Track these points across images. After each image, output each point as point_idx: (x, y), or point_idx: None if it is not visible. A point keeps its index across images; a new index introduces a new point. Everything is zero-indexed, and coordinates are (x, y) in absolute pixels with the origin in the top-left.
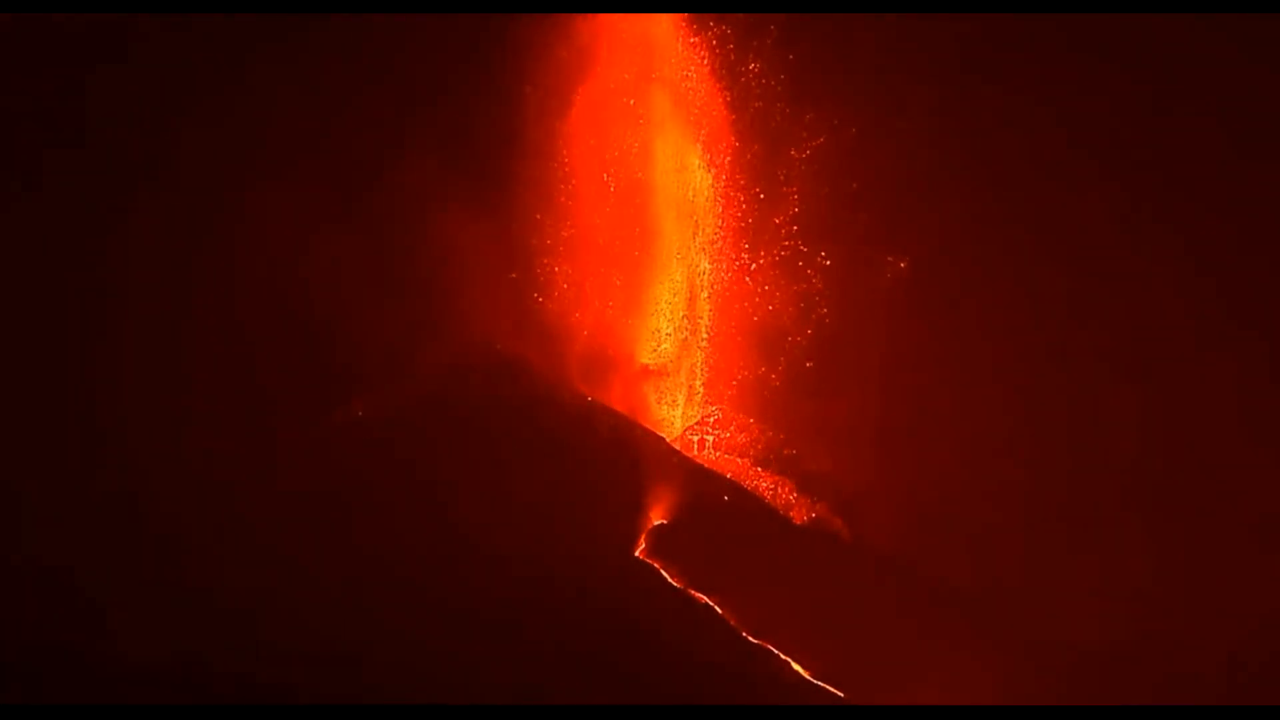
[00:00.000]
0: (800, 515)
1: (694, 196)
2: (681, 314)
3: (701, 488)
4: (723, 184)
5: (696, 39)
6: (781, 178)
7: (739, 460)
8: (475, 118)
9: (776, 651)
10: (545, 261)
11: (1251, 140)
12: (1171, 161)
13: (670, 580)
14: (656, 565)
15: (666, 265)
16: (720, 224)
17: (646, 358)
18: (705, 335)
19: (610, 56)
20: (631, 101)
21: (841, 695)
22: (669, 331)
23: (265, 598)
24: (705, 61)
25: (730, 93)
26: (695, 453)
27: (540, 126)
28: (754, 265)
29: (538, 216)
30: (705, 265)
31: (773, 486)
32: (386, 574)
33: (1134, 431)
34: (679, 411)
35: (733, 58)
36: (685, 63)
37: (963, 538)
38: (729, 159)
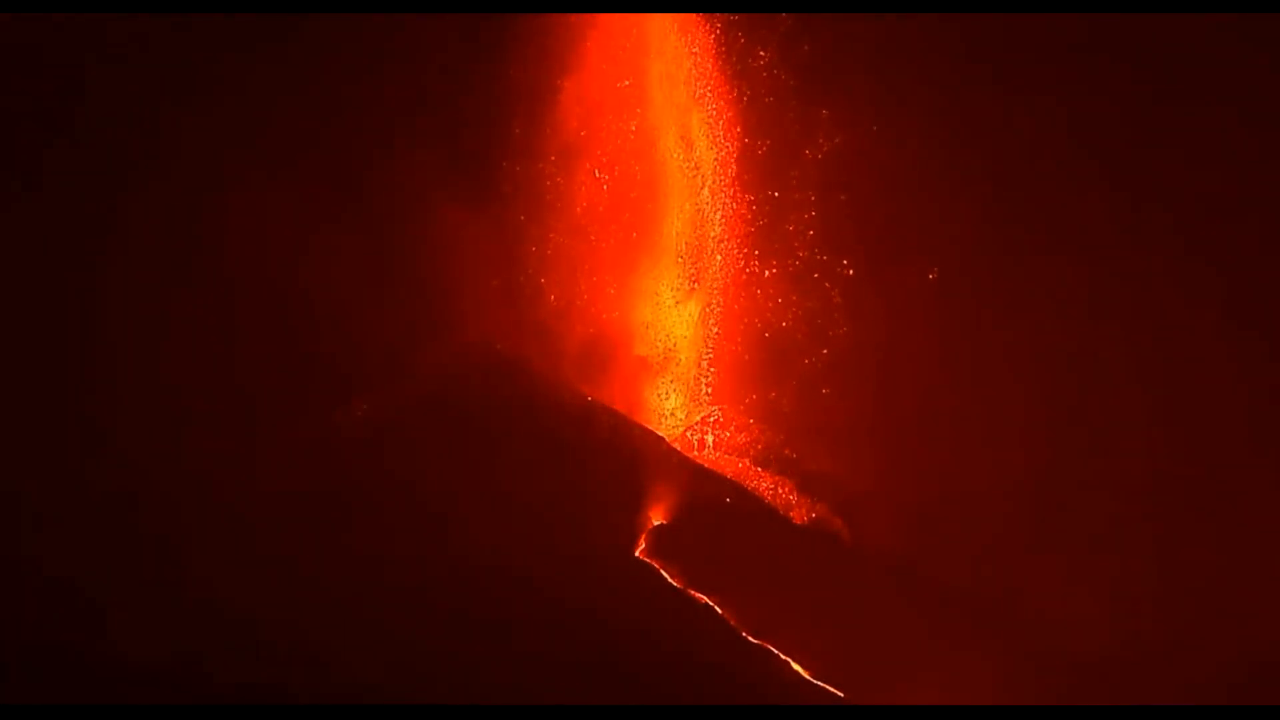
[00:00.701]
0: (800, 515)
1: (698, 199)
2: (683, 328)
3: (701, 488)
4: (730, 186)
5: (701, 27)
6: (794, 180)
7: (739, 460)
8: (472, 115)
9: (776, 651)
10: (544, 261)
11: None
12: (1180, 161)
13: (670, 580)
14: (656, 565)
15: (667, 272)
16: (726, 229)
17: (648, 358)
18: (709, 354)
19: (608, 47)
20: (626, 82)
21: (841, 695)
22: (669, 346)
23: (264, 598)
24: (710, 51)
25: (737, 86)
26: (695, 453)
27: (537, 124)
28: (767, 273)
29: (523, 219)
30: (710, 273)
31: (773, 486)
32: (386, 574)
33: (1139, 432)
34: (679, 415)
35: (741, 47)
36: (688, 52)
37: (964, 538)
38: (736, 158)
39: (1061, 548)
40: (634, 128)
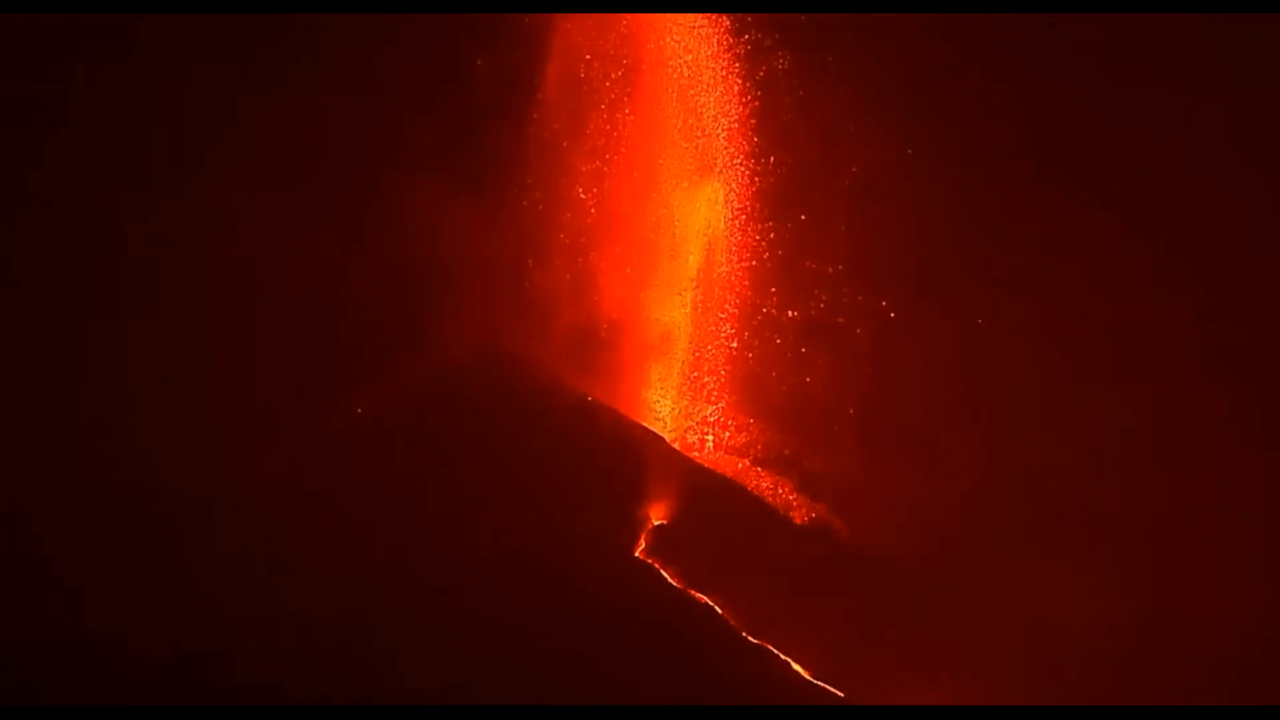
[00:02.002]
0: (800, 515)
1: (702, 228)
2: (686, 378)
3: (701, 488)
4: (742, 216)
5: (706, 27)
6: (818, 209)
7: (739, 460)
8: (473, 118)
9: (776, 651)
10: (543, 269)
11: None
12: (1173, 165)
13: (670, 580)
14: (656, 565)
15: (669, 314)
16: (737, 265)
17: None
18: (718, 411)
19: (600, 45)
20: (618, 74)
21: (841, 695)
22: (670, 393)
23: (261, 598)
24: (719, 58)
25: (750, 98)
26: (695, 453)
27: (533, 128)
28: (790, 313)
29: (498, 247)
30: (720, 320)
31: (773, 486)
32: (384, 574)
33: (1137, 433)
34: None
35: (752, 53)
36: (691, 55)
37: (965, 539)
38: (749, 184)
39: (1064, 549)
40: (624, 131)
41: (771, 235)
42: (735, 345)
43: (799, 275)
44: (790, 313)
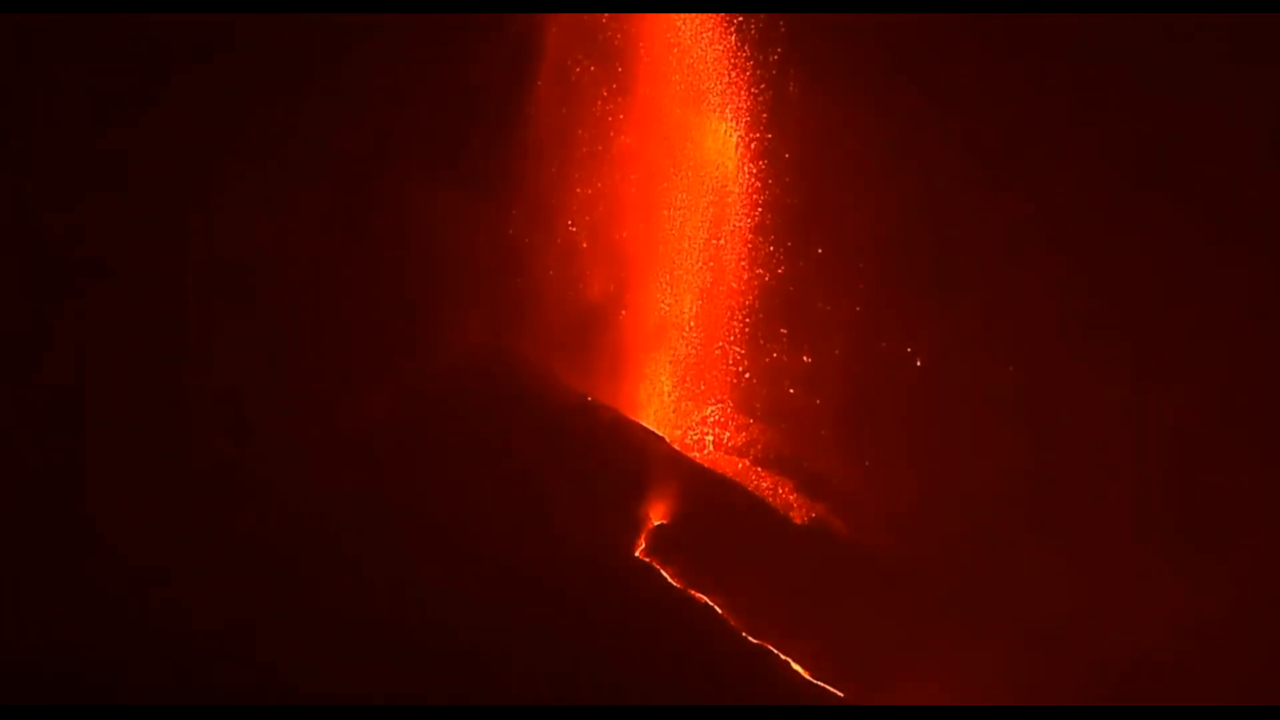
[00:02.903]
0: (800, 515)
1: (703, 262)
2: (686, 378)
3: (701, 488)
4: (745, 243)
5: (709, 32)
6: (831, 228)
7: (739, 460)
8: (472, 115)
9: (776, 651)
10: (544, 269)
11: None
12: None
13: (670, 580)
14: (656, 565)
15: (671, 314)
16: (739, 302)
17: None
18: (718, 411)
19: (598, 49)
20: (612, 85)
21: (841, 695)
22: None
23: (261, 599)
24: (723, 54)
25: (757, 100)
26: (695, 453)
27: (531, 127)
28: (806, 359)
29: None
30: (719, 359)
31: (773, 486)
32: (382, 575)
33: (1137, 433)
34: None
35: (760, 64)
36: (696, 54)
37: (964, 538)
38: (753, 199)
39: (1063, 547)
40: (624, 130)
41: (779, 265)
42: (736, 348)
43: (813, 315)
44: (806, 358)
